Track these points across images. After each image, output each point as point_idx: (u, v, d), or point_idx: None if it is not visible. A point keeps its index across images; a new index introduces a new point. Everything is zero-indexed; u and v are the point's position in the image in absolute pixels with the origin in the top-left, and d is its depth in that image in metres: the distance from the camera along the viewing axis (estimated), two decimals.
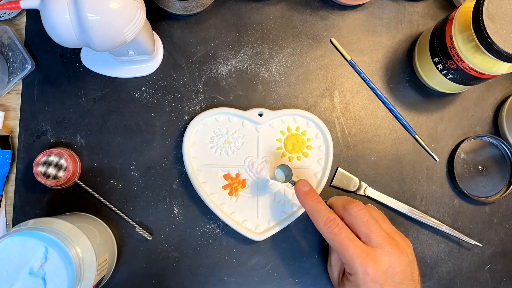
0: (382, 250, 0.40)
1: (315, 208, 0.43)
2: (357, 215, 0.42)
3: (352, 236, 0.41)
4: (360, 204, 0.43)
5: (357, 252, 0.39)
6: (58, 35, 0.37)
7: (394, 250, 0.40)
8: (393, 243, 0.41)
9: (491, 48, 0.41)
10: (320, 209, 0.43)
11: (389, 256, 0.40)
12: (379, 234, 0.41)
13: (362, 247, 0.40)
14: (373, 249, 0.40)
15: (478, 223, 0.52)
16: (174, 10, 0.50)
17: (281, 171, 0.46)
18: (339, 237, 0.40)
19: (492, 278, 0.52)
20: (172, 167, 0.50)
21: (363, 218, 0.41)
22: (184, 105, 0.51)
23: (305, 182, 0.45)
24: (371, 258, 0.39)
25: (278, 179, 0.46)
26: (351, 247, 0.40)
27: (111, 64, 0.50)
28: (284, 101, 0.52)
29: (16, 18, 0.52)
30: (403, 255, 0.41)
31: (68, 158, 0.47)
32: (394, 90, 0.53)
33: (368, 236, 0.41)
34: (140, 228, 0.49)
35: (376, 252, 0.40)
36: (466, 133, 0.53)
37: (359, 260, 0.39)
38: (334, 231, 0.41)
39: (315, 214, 0.43)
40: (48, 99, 0.51)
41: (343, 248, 0.40)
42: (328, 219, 0.42)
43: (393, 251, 0.40)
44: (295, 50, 0.53)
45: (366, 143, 0.52)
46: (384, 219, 0.44)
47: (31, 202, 0.49)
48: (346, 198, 0.45)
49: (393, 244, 0.41)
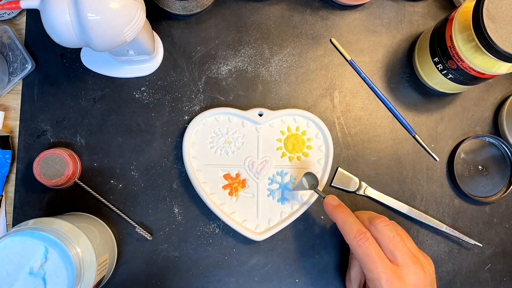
0: (408, 269, 0.40)
1: (345, 221, 0.43)
2: (384, 230, 0.42)
3: (381, 253, 0.40)
4: (387, 220, 0.43)
5: (384, 269, 0.39)
6: (58, 35, 0.37)
7: (419, 269, 0.40)
8: (417, 262, 0.41)
9: (491, 48, 0.41)
10: (351, 222, 0.42)
11: (414, 275, 0.40)
12: (404, 252, 0.41)
13: (389, 264, 0.40)
14: (399, 267, 0.40)
15: (478, 223, 0.52)
16: (174, 10, 0.50)
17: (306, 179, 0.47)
18: (368, 252, 0.40)
19: (492, 278, 0.52)
20: (172, 167, 0.50)
21: (389, 234, 0.41)
22: (184, 105, 0.51)
23: (334, 197, 0.46)
24: (397, 276, 0.39)
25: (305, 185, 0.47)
26: (380, 264, 0.39)
27: (111, 64, 0.50)
28: (284, 101, 0.52)
29: (16, 18, 0.52)
30: (426, 274, 0.41)
31: (68, 158, 0.47)
32: (394, 90, 0.53)
33: (393, 253, 0.40)
34: (140, 228, 0.49)
35: (402, 271, 0.40)
36: (466, 133, 0.53)
37: (385, 278, 0.39)
38: (364, 244, 0.40)
39: (346, 226, 0.42)
40: (48, 99, 0.51)
41: (371, 264, 0.40)
42: (358, 232, 0.41)
43: (418, 271, 0.40)
44: (295, 50, 0.53)
45: (366, 143, 0.52)
46: (408, 237, 0.44)
47: (31, 202, 0.49)
48: (372, 212, 0.45)
49: (418, 263, 0.41)
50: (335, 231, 0.51)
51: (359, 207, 0.51)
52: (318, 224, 0.51)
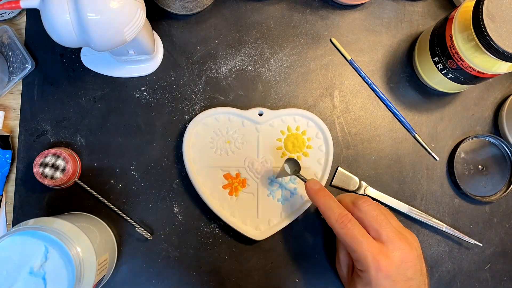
0: (393, 246, 0.40)
1: (327, 204, 0.43)
2: (367, 209, 0.41)
3: (364, 232, 0.40)
4: (369, 200, 0.43)
5: (369, 248, 0.39)
6: (58, 34, 0.37)
7: (404, 245, 0.40)
8: (403, 238, 0.40)
9: (491, 47, 0.41)
10: (332, 205, 0.42)
11: (400, 251, 0.39)
12: (389, 229, 0.40)
13: (374, 243, 0.40)
14: (384, 245, 0.40)
15: (478, 222, 0.52)
16: (174, 9, 0.50)
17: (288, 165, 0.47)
18: (352, 233, 0.40)
19: (492, 277, 0.52)
20: (172, 167, 0.50)
21: (372, 213, 0.41)
22: (184, 105, 0.51)
23: (316, 181, 0.45)
24: (383, 254, 0.39)
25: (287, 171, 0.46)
26: (364, 243, 0.39)
27: (111, 64, 0.50)
28: (284, 101, 0.52)
29: (16, 17, 0.52)
30: (413, 250, 0.40)
31: (68, 158, 0.47)
32: (394, 89, 0.53)
33: (378, 232, 0.40)
34: (140, 227, 0.49)
35: (387, 248, 0.39)
36: (466, 132, 0.53)
37: (371, 257, 0.39)
38: (347, 226, 0.40)
39: (327, 210, 0.42)
40: (48, 99, 0.51)
41: (355, 244, 0.39)
42: (340, 214, 0.41)
43: (404, 246, 0.40)
44: (295, 49, 0.53)
45: (366, 142, 0.52)
46: (392, 215, 0.44)
47: (31, 201, 0.49)
48: (354, 194, 0.45)
49: (403, 239, 0.40)
50: None
51: None
52: (318, 223, 0.51)
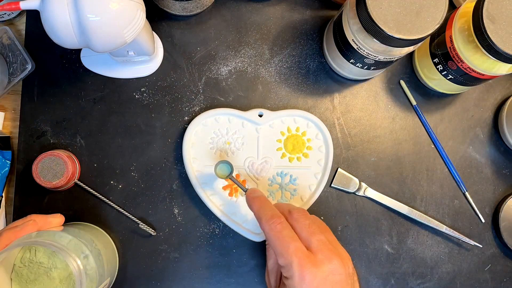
0: (323, 255, 0.36)
1: (261, 206, 0.41)
2: (300, 218, 0.39)
3: (294, 236, 0.37)
4: (306, 211, 0.41)
5: (296, 252, 0.36)
6: (58, 36, 0.37)
7: (335, 257, 0.37)
8: (334, 251, 0.37)
9: (491, 49, 0.41)
10: (266, 207, 0.40)
11: (329, 263, 0.36)
12: (320, 240, 0.37)
13: (302, 249, 0.37)
14: (314, 254, 0.37)
15: (478, 223, 0.52)
16: (174, 10, 0.50)
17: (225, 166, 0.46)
18: (280, 235, 0.37)
19: (492, 278, 0.52)
20: (172, 168, 0.50)
21: (305, 222, 0.39)
22: (184, 106, 0.51)
23: (256, 189, 0.44)
24: (310, 261, 0.36)
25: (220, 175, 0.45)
26: (291, 246, 0.36)
27: (111, 65, 0.50)
28: (284, 102, 0.52)
29: (16, 18, 0.52)
30: (345, 265, 0.37)
31: (67, 159, 0.47)
32: (394, 90, 0.53)
33: (309, 240, 0.37)
34: (143, 224, 0.48)
35: (316, 257, 0.36)
36: (466, 133, 0.53)
37: (297, 262, 0.36)
38: (276, 227, 0.38)
39: (260, 212, 0.40)
40: (48, 100, 0.51)
41: (282, 247, 0.37)
42: (272, 215, 0.39)
43: (334, 258, 0.37)
44: (295, 50, 0.53)
45: (366, 143, 0.52)
46: (328, 229, 0.41)
47: (31, 203, 0.49)
48: (292, 205, 0.43)
49: (335, 252, 0.37)
50: (334, 231, 0.51)
51: (359, 208, 0.51)
52: None
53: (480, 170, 0.53)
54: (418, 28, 0.39)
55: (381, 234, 0.51)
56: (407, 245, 0.51)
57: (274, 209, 0.40)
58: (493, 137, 0.53)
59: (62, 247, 0.37)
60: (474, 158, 0.53)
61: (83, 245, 0.39)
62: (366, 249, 0.51)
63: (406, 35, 0.39)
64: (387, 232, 0.51)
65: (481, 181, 0.53)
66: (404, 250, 0.51)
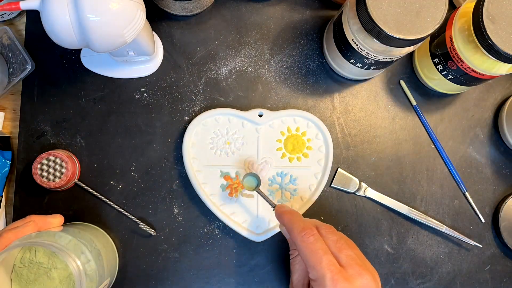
0: (354, 271, 0.36)
1: (291, 218, 0.41)
2: (327, 234, 0.39)
3: (327, 250, 0.37)
4: (332, 227, 0.41)
5: (329, 266, 0.36)
6: (58, 36, 0.37)
7: (366, 272, 0.37)
8: (363, 266, 0.37)
9: (491, 49, 0.41)
10: (298, 220, 0.41)
11: (361, 278, 0.36)
12: (349, 255, 0.37)
13: (335, 263, 0.36)
14: (345, 269, 0.36)
15: (478, 223, 0.52)
16: (174, 10, 0.50)
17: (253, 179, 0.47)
18: (313, 247, 0.37)
19: (492, 278, 0.52)
20: (172, 168, 0.50)
21: (333, 237, 0.39)
22: (184, 106, 0.51)
23: (285, 205, 0.45)
24: (343, 275, 0.36)
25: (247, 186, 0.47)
26: (324, 260, 0.36)
27: (111, 65, 0.50)
28: (284, 102, 0.52)
29: (16, 18, 0.52)
30: (375, 281, 0.37)
31: (67, 159, 0.47)
32: (394, 90, 0.53)
33: (338, 256, 0.37)
34: (143, 224, 0.48)
35: (347, 272, 0.36)
36: (466, 133, 0.53)
37: (329, 275, 0.35)
38: (309, 239, 0.38)
39: (291, 224, 0.40)
40: (48, 100, 0.51)
41: (315, 260, 0.36)
42: (304, 227, 0.39)
43: (365, 274, 0.36)
44: (295, 50, 0.53)
45: (366, 143, 0.52)
46: (354, 246, 0.41)
47: (31, 202, 0.49)
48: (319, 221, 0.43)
49: (364, 267, 0.37)
50: None
51: (359, 208, 0.51)
52: None
53: (480, 170, 0.53)
54: (418, 28, 0.39)
55: (381, 234, 0.51)
56: (407, 245, 0.51)
57: (305, 221, 0.40)
58: (493, 137, 0.53)
59: (61, 248, 0.37)
60: (474, 158, 0.53)
61: (83, 245, 0.39)
62: (366, 249, 0.51)
63: (406, 35, 0.39)
64: (387, 232, 0.51)
65: (481, 181, 0.53)
66: (404, 250, 0.51)
